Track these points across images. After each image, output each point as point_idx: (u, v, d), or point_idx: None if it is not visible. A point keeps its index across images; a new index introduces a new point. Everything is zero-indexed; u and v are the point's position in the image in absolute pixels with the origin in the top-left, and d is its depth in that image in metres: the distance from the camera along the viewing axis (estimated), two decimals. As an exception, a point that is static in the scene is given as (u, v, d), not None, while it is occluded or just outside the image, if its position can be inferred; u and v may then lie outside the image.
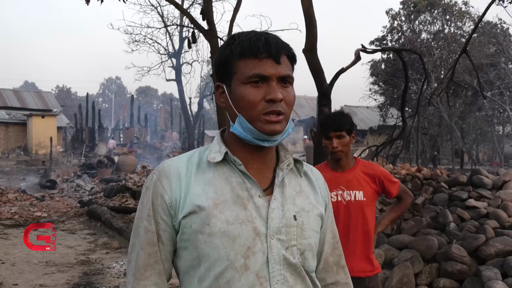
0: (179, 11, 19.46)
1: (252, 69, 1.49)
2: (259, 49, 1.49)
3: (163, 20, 31.94)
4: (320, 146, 8.86)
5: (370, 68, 31.85)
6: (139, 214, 1.56)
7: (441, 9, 28.38)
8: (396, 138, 12.07)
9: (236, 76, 1.51)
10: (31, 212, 13.82)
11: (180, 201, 1.50)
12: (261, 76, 1.49)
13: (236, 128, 1.52)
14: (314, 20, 8.34)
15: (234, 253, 1.45)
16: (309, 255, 1.56)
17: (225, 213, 1.47)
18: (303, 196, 1.61)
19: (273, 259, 1.48)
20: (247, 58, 1.50)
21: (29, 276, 7.57)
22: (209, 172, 1.54)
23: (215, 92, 1.61)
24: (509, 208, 7.45)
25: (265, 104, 1.48)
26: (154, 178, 1.55)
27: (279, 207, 1.53)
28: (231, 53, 1.52)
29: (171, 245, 1.54)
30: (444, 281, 5.85)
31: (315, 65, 8.40)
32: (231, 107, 1.53)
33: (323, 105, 8.48)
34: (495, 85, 25.21)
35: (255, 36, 1.52)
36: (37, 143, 35.78)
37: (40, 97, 43.73)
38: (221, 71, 1.56)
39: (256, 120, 1.49)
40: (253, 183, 1.52)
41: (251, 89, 1.49)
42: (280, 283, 1.47)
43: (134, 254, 1.55)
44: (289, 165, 1.61)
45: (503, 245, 5.99)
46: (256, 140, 1.51)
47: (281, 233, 1.50)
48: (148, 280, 1.52)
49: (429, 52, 26.07)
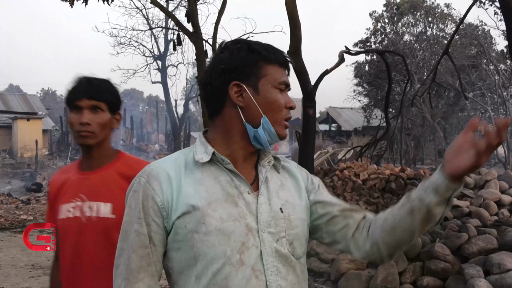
0: (164, 14, 19.45)
1: (281, 76, 1.59)
2: (283, 59, 1.61)
3: (148, 23, 31.86)
4: (305, 148, 8.93)
5: (354, 70, 32.01)
6: (128, 218, 1.56)
7: (423, 11, 28.63)
8: (380, 138, 12.19)
9: (267, 79, 1.57)
10: (16, 215, 13.71)
11: (173, 202, 1.51)
12: (286, 84, 1.60)
13: (260, 129, 1.57)
14: (298, 23, 8.40)
15: (230, 249, 1.49)
16: (297, 244, 1.60)
17: (218, 211, 1.51)
18: (285, 189, 1.66)
19: (266, 252, 1.52)
20: (274, 64, 1.59)
21: (15, 280, 7.55)
22: (197, 173, 1.56)
23: (230, 90, 1.58)
24: (490, 207, 7.57)
25: (286, 111, 1.60)
26: (143, 181, 1.55)
27: (266, 201, 1.58)
28: (259, 56, 1.58)
29: (162, 246, 1.54)
30: (428, 279, 5.93)
31: (300, 67, 8.46)
32: (256, 108, 1.57)
33: (307, 107, 8.55)
34: (477, 86, 25.44)
35: (272, 46, 1.63)
36: (23, 146, 35.45)
37: (25, 100, 43.32)
38: (243, 71, 1.58)
39: (278, 124, 1.58)
40: (241, 180, 1.57)
41: (279, 94, 1.58)
42: (274, 274, 1.52)
43: (124, 258, 1.54)
44: (270, 162, 1.66)
45: (485, 243, 6.07)
46: (268, 143, 1.59)
47: (271, 226, 1.55)
48: (142, 283, 1.51)
49: (412, 53, 26.28)
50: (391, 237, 1.59)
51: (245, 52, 1.59)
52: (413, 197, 1.51)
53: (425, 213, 1.48)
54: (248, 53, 1.58)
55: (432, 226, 1.54)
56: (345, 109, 44.04)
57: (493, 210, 7.59)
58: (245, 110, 1.59)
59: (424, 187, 1.48)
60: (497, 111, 23.71)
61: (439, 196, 1.44)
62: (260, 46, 1.59)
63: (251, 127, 1.58)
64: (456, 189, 1.43)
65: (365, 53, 28.58)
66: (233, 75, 1.59)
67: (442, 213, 1.48)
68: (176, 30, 12.06)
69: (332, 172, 11.36)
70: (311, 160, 9.30)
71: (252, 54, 1.58)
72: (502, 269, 5.51)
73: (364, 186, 9.82)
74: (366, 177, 10.39)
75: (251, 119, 1.58)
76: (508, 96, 23.17)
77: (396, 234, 1.57)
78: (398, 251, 1.64)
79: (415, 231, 1.54)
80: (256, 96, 1.57)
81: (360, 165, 11.37)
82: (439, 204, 1.45)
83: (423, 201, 1.46)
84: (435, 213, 1.48)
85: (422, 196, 1.47)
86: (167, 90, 37.82)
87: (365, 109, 33.77)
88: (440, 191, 1.43)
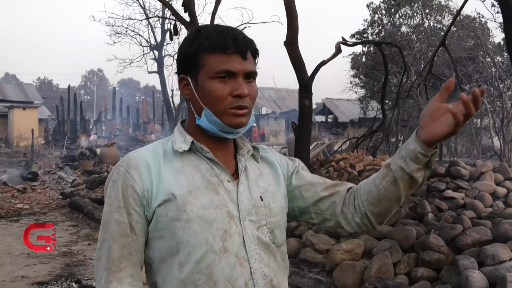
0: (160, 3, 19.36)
1: (220, 64, 1.52)
2: (228, 45, 1.52)
3: (145, 12, 31.69)
4: (301, 139, 8.95)
5: (351, 61, 31.92)
6: (108, 209, 1.55)
7: (420, 2, 28.52)
8: (376, 130, 12.20)
9: (204, 70, 1.54)
10: (12, 204, 13.70)
11: (153, 190, 1.52)
12: (229, 72, 1.53)
13: (203, 121, 1.56)
14: (295, 13, 8.40)
15: (213, 237, 1.50)
16: (277, 232, 1.63)
17: (199, 199, 1.51)
18: (264, 178, 1.68)
19: (249, 240, 1.54)
20: (215, 53, 1.53)
21: (10, 268, 7.55)
22: (177, 162, 1.57)
23: (179, 84, 1.62)
24: (485, 198, 7.60)
25: (232, 99, 1.53)
26: (122, 170, 1.55)
27: (246, 190, 1.60)
28: (199, 46, 1.54)
29: (143, 235, 1.55)
30: (422, 270, 5.95)
31: (296, 57, 8.47)
32: (197, 100, 1.57)
33: (304, 98, 8.56)
34: (473, 78, 25.41)
35: (223, 31, 1.56)
36: (18, 135, 35.45)
37: (21, 89, 43.29)
38: (186, 63, 1.59)
39: (223, 114, 1.54)
40: (221, 168, 1.58)
41: (219, 84, 1.53)
42: (258, 261, 1.54)
43: (105, 249, 1.53)
44: (249, 151, 1.68)
45: (479, 235, 6.10)
46: (221, 132, 1.56)
47: (252, 214, 1.57)
48: (124, 272, 1.51)
49: (409, 45, 26.23)
50: (378, 208, 1.63)
51: (189, 43, 1.59)
52: (394, 167, 1.56)
53: (408, 180, 1.54)
54: (191, 44, 1.57)
55: (416, 189, 1.60)
56: (341, 101, 44.04)
57: (488, 202, 7.61)
58: (192, 102, 1.61)
59: (402, 156, 1.53)
60: (493, 103, 23.70)
61: (419, 163, 1.49)
62: (207, 34, 1.56)
63: (198, 118, 1.59)
64: (434, 153, 1.49)
65: (362, 44, 28.50)
66: (181, 68, 1.62)
67: (423, 176, 1.55)
68: (173, 20, 12.04)
69: (328, 163, 11.38)
70: (307, 151, 9.32)
71: (193, 45, 1.56)
72: (496, 261, 5.53)
73: (359, 177, 9.84)
74: (361, 168, 10.42)
75: (197, 111, 1.59)
76: (504, 89, 23.14)
77: (383, 204, 1.62)
78: (387, 218, 1.68)
79: (401, 197, 1.59)
80: (196, 88, 1.57)
81: (356, 156, 11.39)
82: (420, 170, 1.51)
83: (404, 170, 1.52)
84: (417, 178, 1.53)
85: (403, 166, 1.52)
86: (163, 80, 37.68)
87: (361, 100, 33.72)
88: (419, 158, 1.49)
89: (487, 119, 25.42)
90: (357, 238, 6.67)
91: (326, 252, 6.74)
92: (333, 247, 6.61)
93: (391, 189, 1.57)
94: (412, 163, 1.50)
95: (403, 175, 1.53)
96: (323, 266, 6.61)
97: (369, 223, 1.68)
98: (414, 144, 1.49)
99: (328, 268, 6.45)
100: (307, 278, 6.23)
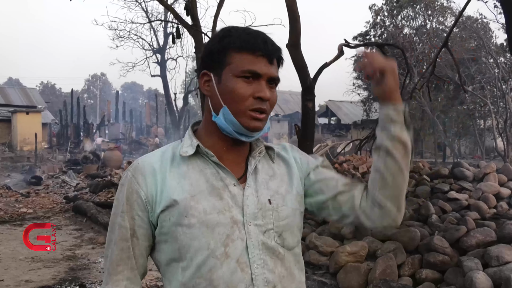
0: (163, 7, 19.39)
1: (247, 64, 1.52)
2: (258, 46, 1.53)
3: (147, 16, 31.80)
4: (305, 141, 8.93)
5: (353, 63, 31.94)
6: (114, 211, 1.59)
7: (423, 4, 28.53)
8: (379, 132, 12.17)
9: (230, 67, 1.53)
10: (16, 209, 13.74)
11: (157, 195, 1.53)
12: (254, 73, 1.52)
13: (219, 118, 1.54)
14: (297, 16, 8.38)
15: (214, 242, 1.49)
16: (287, 235, 1.59)
17: (202, 204, 1.51)
18: (277, 179, 1.65)
19: (252, 245, 1.52)
20: (244, 52, 1.52)
21: (15, 272, 7.57)
22: (183, 166, 1.57)
23: (200, 79, 1.62)
24: (489, 199, 7.60)
25: (253, 101, 1.52)
26: (129, 175, 1.57)
27: (253, 193, 1.57)
28: (229, 43, 1.54)
29: (147, 240, 1.57)
30: (426, 272, 5.95)
31: (299, 60, 8.44)
32: (217, 97, 1.55)
33: (306, 100, 8.53)
34: (476, 79, 25.37)
35: (254, 33, 1.57)
36: (22, 140, 35.44)
37: (25, 94, 43.34)
38: (212, 59, 1.58)
39: (241, 115, 1.52)
40: (227, 172, 1.56)
41: (242, 83, 1.52)
42: (261, 267, 1.52)
43: (110, 250, 1.58)
44: (261, 153, 1.65)
45: (483, 236, 6.10)
46: (236, 133, 1.54)
47: (257, 218, 1.55)
48: (121, 275, 1.55)
49: (412, 47, 26.18)
50: (389, 189, 1.61)
51: (217, 39, 1.58)
52: (380, 142, 1.60)
53: (398, 144, 1.57)
54: (220, 41, 1.57)
55: (411, 159, 1.62)
56: (344, 103, 44.00)
57: (492, 203, 7.61)
58: (211, 99, 1.59)
59: (382, 130, 1.59)
60: (496, 104, 23.67)
61: (397, 122, 1.55)
62: (237, 34, 1.56)
63: (215, 116, 1.57)
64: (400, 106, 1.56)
65: (365, 46, 28.47)
66: (204, 63, 1.60)
67: (409, 136, 1.59)
68: (175, 23, 12.02)
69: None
70: (310, 154, 9.30)
71: (222, 42, 1.56)
72: (500, 262, 5.53)
73: (363, 179, 9.84)
74: (365, 170, 10.43)
75: (215, 109, 1.57)
76: (507, 90, 23.09)
77: (389, 182, 1.61)
78: (401, 199, 1.64)
79: (402, 168, 1.59)
80: (218, 85, 1.56)
81: (359, 158, 11.40)
82: (402, 129, 1.56)
83: (391, 138, 1.56)
84: (405, 139, 1.57)
85: (386, 134, 1.57)
86: (166, 84, 37.80)
87: (364, 102, 33.69)
88: (393, 118, 1.55)
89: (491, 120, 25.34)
90: (361, 240, 6.67)
91: (330, 254, 6.73)
92: (337, 249, 6.61)
93: (389, 164, 1.58)
94: (392, 126, 1.55)
95: (393, 143, 1.56)
96: (327, 268, 6.60)
97: (388, 211, 1.63)
98: (382, 111, 1.58)
99: (332, 270, 6.45)
100: (311, 281, 6.23)
